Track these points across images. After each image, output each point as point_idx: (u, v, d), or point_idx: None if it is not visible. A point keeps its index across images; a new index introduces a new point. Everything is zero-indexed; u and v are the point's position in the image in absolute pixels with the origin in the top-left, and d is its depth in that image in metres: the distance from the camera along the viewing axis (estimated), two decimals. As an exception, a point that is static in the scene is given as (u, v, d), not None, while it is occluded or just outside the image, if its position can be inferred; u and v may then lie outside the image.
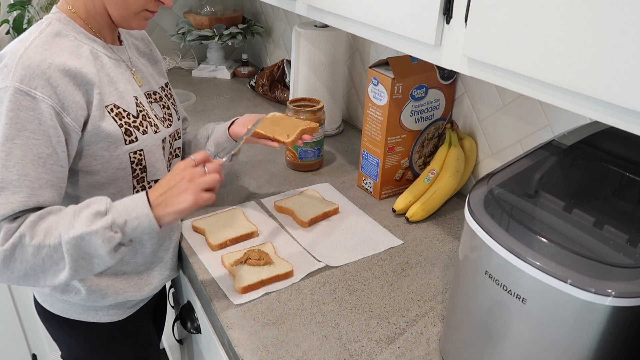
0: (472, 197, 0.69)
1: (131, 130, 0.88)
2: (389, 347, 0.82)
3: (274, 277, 0.94)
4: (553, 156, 0.74)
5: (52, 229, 0.75)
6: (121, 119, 0.87)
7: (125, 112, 0.88)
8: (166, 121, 0.99)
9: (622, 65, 0.51)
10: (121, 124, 0.87)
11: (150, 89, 0.98)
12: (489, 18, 0.64)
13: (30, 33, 0.82)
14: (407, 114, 1.16)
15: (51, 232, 0.74)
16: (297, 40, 1.47)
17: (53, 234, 0.74)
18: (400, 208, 1.15)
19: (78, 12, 0.86)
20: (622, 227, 0.62)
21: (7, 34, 1.80)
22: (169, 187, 0.79)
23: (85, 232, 0.74)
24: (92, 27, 0.88)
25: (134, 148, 0.89)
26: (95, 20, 0.88)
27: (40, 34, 0.81)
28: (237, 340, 0.83)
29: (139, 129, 0.90)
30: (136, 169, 0.91)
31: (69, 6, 0.86)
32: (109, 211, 0.76)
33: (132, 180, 0.91)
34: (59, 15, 0.85)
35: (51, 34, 0.82)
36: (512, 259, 0.59)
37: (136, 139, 0.89)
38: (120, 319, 1.01)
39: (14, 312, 1.69)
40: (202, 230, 1.07)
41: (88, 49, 0.85)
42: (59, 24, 0.84)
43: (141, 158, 0.91)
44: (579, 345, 0.59)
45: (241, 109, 1.74)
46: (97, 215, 0.75)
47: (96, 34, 0.89)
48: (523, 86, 0.64)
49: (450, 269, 1.00)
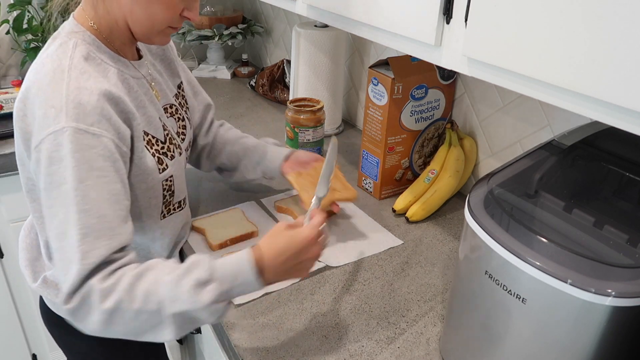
0: (472, 197, 0.69)
1: (162, 158, 0.86)
2: (389, 347, 0.82)
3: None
4: (553, 156, 0.74)
5: (152, 294, 0.69)
6: (152, 147, 0.84)
7: (155, 139, 0.85)
8: (180, 135, 0.96)
9: (622, 65, 0.51)
10: (153, 153, 0.84)
11: (167, 102, 0.94)
12: (489, 18, 0.64)
13: (60, 60, 0.75)
14: (407, 114, 1.16)
15: (151, 298, 0.69)
16: (297, 40, 1.47)
17: (152, 300, 0.69)
18: (400, 208, 1.15)
19: (100, 29, 0.81)
20: (622, 227, 0.62)
21: (7, 34, 1.80)
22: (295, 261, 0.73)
23: (191, 309, 0.69)
24: (115, 44, 0.83)
25: (166, 176, 0.86)
26: (118, 37, 0.82)
27: (72, 60, 0.75)
28: (237, 340, 0.83)
29: (167, 154, 0.87)
30: (166, 195, 0.89)
31: (90, 22, 0.80)
32: (213, 278, 0.70)
33: (161, 206, 0.89)
34: (83, 34, 0.79)
35: (83, 58, 0.76)
36: (512, 259, 0.59)
37: (167, 166, 0.87)
38: None
39: (14, 312, 1.69)
40: (202, 230, 1.07)
41: (115, 72, 0.80)
42: (85, 45, 0.78)
43: (171, 184, 0.89)
44: (579, 345, 0.59)
45: (241, 109, 1.74)
46: (200, 286, 0.69)
47: (118, 52, 0.83)
48: (523, 86, 0.64)
49: (450, 269, 1.00)
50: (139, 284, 0.69)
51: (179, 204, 0.95)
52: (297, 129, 1.30)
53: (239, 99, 1.84)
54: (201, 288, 0.69)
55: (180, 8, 0.80)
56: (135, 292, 0.69)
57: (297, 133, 1.30)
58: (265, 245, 0.74)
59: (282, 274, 0.74)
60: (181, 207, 0.96)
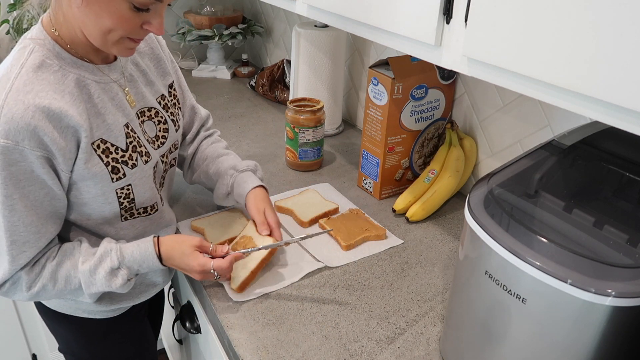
0: (472, 197, 0.69)
1: (118, 167, 0.85)
2: (389, 347, 0.82)
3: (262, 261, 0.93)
4: (553, 156, 0.74)
5: (72, 277, 0.85)
6: (108, 156, 0.84)
7: (114, 147, 0.85)
8: (159, 140, 0.95)
9: (621, 65, 0.51)
10: (108, 162, 0.84)
11: (144, 105, 0.92)
12: (489, 18, 0.64)
13: (11, 67, 0.76)
14: (407, 114, 1.16)
15: (71, 280, 0.85)
16: (297, 40, 1.47)
17: (73, 281, 0.85)
18: (400, 208, 1.15)
19: (61, 35, 0.80)
20: (622, 227, 0.62)
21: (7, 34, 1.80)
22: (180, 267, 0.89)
23: (106, 290, 0.86)
24: (78, 51, 0.81)
25: (121, 184, 0.87)
26: (80, 45, 0.81)
27: (22, 69, 0.76)
28: (237, 340, 0.83)
29: (128, 163, 0.87)
30: (124, 202, 0.89)
31: (52, 28, 0.80)
32: (122, 265, 0.86)
33: (119, 211, 0.90)
34: (44, 40, 0.79)
35: (33, 68, 0.76)
36: (512, 259, 0.59)
37: (124, 175, 0.86)
38: (113, 316, 1.02)
39: (14, 312, 1.69)
40: (201, 230, 1.07)
41: (73, 78, 0.80)
42: (42, 51, 0.78)
43: (129, 192, 0.89)
44: (579, 345, 0.59)
45: (241, 109, 1.74)
46: (112, 273, 0.85)
47: (83, 57, 0.82)
48: (523, 86, 0.64)
49: (450, 269, 1.00)
50: (59, 271, 0.84)
51: (145, 210, 0.94)
52: (297, 129, 1.30)
53: (239, 99, 1.84)
54: (113, 275, 0.85)
55: (138, 22, 0.76)
56: (57, 278, 0.84)
57: (297, 133, 1.30)
58: (167, 244, 0.89)
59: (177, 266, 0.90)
60: (148, 213, 0.95)
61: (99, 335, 1.04)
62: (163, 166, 0.98)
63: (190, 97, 1.11)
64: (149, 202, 0.94)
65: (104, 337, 1.05)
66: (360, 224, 1.09)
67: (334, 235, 1.06)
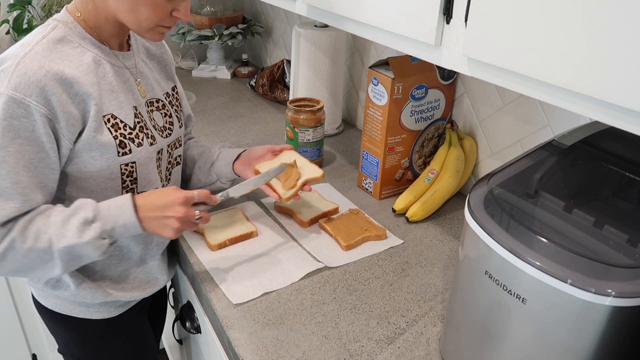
0: (472, 197, 0.69)
1: (126, 142, 0.88)
2: (389, 347, 0.82)
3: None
4: (553, 156, 0.74)
5: (42, 233, 0.79)
6: (117, 130, 0.86)
7: (122, 124, 0.87)
8: (166, 130, 0.98)
9: (621, 65, 0.51)
10: (116, 135, 0.86)
11: (153, 96, 0.97)
12: (489, 18, 0.64)
13: (33, 37, 0.81)
14: (407, 114, 1.16)
15: (41, 237, 0.78)
16: (297, 40, 1.47)
17: (42, 238, 0.78)
18: (400, 208, 1.15)
19: (87, 20, 0.86)
20: (622, 227, 0.62)
21: (7, 34, 1.80)
22: (160, 213, 0.83)
23: (76, 243, 0.79)
24: (99, 35, 0.87)
25: (126, 160, 0.88)
26: (103, 29, 0.87)
27: (43, 39, 0.80)
28: (237, 340, 0.83)
29: (134, 141, 0.89)
30: (126, 180, 0.90)
31: (77, 13, 0.85)
32: (97, 218, 0.80)
33: (121, 191, 0.91)
34: (67, 18, 0.85)
35: (54, 40, 0.81)
36: (512, 259, 0.59)
37: (130, 151, 0.88)
38: (112, 316, 1.02)
39: (14, 312, 1.69)
40: (200, 230, 1.07)
41: (91, 56, 0.84)
42: (64, 28, 0.83)
43: (132, 170, 0.90)
44: (579, 345, 0.59)
45: (241, 109, 1.74)
46: (85, 224, 0.79)
47: (102, 41, 0.88)
48: (523, 86, 0.64)
49: (450, 269, 1.00)
50: (30, 226, 0.78)
51: None
52: (297, 129, 1.30)
53: (239, 99, 1.84)
54: (86, 226, 0.79)
55: (169, 9, 0.83)
56: (26, 233, 0.78)
57: (297, 133, 1.30)
58: (144, 195, 0.85)
59: (154, 224, 0.84)
60: None
61: (99, 336, 1.04)
62: (168, 157, 1.00)
63: (187, 105, 1.14)
64: (151, 187, 0.95)
65: (101, 338, 1.05)
66: (360, 224, 1.09)
67: (333, 235, 1.06)
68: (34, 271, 0.82)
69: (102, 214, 0.81)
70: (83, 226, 0.79)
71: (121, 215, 0.81)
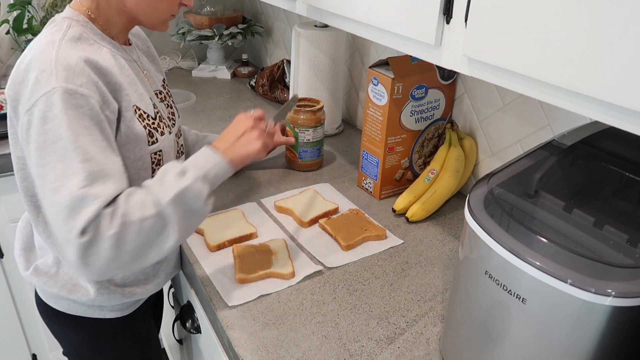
0: (472, 197, 0.69)
1: (152, 131, 0.90)
2: (389, 347, 0.82)
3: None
4: (553, 156, 0.74)
5: (146, 202, 0.77)
6: (143, 120, 0.89)
7: (146, 114, 0.90)
8: (171, 120, 1.01)
9: (621, 65, 0.51)
10: (145, 125, 0.89)
11: (157, 88, 1.00)
12: (489, 18, 0.64)
13: (52, 35, 0.81)
14: (407, 114, 1.16)
15: (146, 204, 0.76)
16: (297, 40, 1.47)
17: (148, 204, 0.76)
18: (400, 208, 1.15)
19: (97, 17, 0.87)
20: (622, 227, 0.62)
21: (7, 34, 1.80)
22: (237, 138, 0.87)
23: (180, 190, 0.78)
24: (110, 31, 0.89)
25: (155, 149, 0.91)
26: (113, 25, 0.89)
27: (64, 37, 0.81)
28: (237, 340, 0.83)
29: (158, 130, 0.92)
30: (155, 169, 0.92)
31: (88, 11, 0.87)
32: (187, 169, 0.81)
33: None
34: (77, 16, 0.85)
35: (74, 38, 0.82)
36: (512, 259, 0.59)
37: (156, 140, 0.91)
38: (124, 314, 1.02)
39: (14, 312, 1.69)
40: (200, 230, 1.07)
41: (108, 51, 0.86)
42: (78, 26, 0.84)
43: (160, 158, 0.93)
44: (579, 345, 0.59)
45: (241, 109, 1.74)
46: (180, 175, 0.79)
47: (112, 37, 0.90)
48: (523, 86, 0.64)
49: (450, 269, 1.00)
50: (130, 200, 0.76)
51: None
52: (297, 129, 1.30)
53: (239, 99, 1.84)
54: (181, 176, 0.79)
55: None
56: (130, 207, 0.75)
57: (297, 133, 1.30)
58: (217, 139, 0.88)
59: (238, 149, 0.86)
60: None
61: (108, 335, 1.04)
62: (176, 147, 1.02)
63: None
64: None
65: (112, 337, 1.05)
66: (360, 224, 1.09)
67: (333, 235, 1.06)
68: (151, 249, 0.78)
69: (191, 164, 0.82)
70: (179, 176, 0.79)
71: (205, 159, 0.83)
